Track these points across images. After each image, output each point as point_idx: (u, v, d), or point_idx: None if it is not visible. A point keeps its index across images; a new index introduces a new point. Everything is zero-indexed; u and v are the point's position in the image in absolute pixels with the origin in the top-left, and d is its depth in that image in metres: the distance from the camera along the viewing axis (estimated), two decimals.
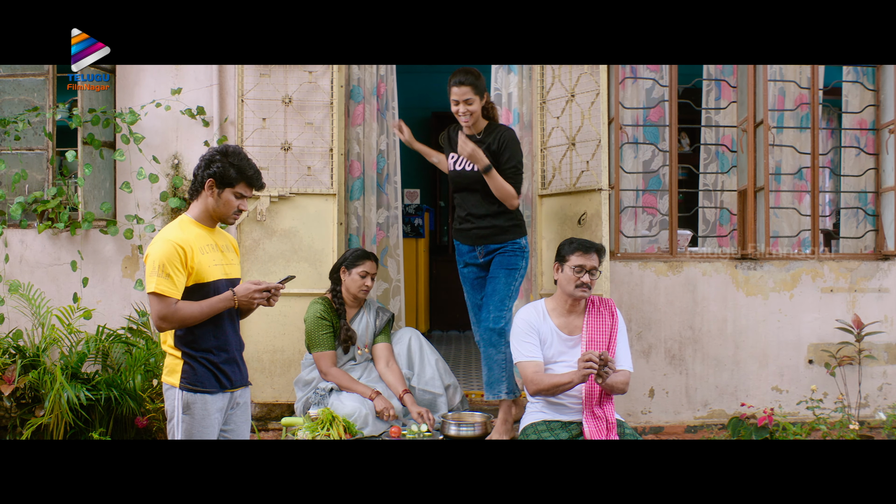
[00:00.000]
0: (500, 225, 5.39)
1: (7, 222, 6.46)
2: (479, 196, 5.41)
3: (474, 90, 5.31)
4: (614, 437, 4.61)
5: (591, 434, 4.62)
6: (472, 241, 5.51)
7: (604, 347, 4.76)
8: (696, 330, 6.47)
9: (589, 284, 4.76)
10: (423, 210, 10.52)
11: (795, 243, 6.99)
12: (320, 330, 5.42)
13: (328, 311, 5.48)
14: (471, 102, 5.31)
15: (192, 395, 3.87)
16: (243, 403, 4.14)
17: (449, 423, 5.29)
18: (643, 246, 6.92)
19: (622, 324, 4.90)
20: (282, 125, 6.00)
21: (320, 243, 5.97)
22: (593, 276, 4.77)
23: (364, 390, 5.34)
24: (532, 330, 4.83)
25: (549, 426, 4.76)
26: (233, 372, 4.01)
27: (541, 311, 4.90)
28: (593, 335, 4.79)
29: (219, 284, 3.96)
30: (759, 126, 6.44)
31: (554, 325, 4.84)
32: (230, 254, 4.12)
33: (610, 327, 4.82)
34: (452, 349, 8.99)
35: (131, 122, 6.23)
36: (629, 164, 6.91)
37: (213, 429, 3.94)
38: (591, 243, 4.84)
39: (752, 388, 6.49)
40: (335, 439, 4.92)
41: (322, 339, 5.42)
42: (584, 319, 4.84)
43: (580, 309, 4.87)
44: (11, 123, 6.39)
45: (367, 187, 6.42)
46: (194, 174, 3.98)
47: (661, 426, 6.43)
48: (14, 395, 5.94)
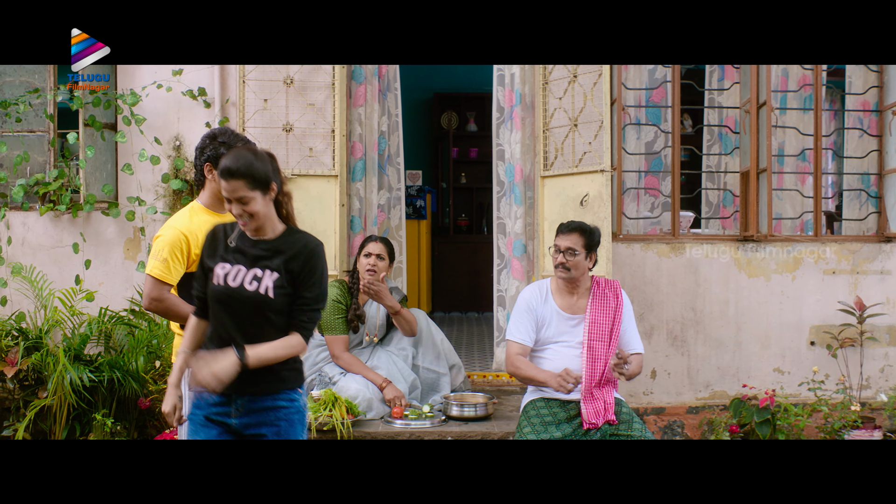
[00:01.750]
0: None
1: (9, 205, 6.45)
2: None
3: (249, 184, 3.29)
4: (611, 418, 4.62)
5: (588, 415, 4.65)
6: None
7: (606, 330, 4.77)
8: (698, 311, 6.47)
9: (565, 264, 4.76)
10: (425, 191, 10.51)
11: (798, 225, 6.99)
12: (334, 314, 5.41)
13: (343, 295, 5.47)
14: (246, 201, 3.30)
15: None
16: None
17: (451, 403, 5.32)
18: (645, 227, 6.91)
19: (628, 305, 4.90)
20: (283, 106, 5.99)
21: (322, 225, 5.96)
22: (569, 256, 4.75)
23: (375, 377, 5.34)
24: (530, 311, 4.85)
25: (548, 404, 4.79)
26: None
27: (544, 291, 4.91)
28: (596, 317, 4.79)
29: None
30: (762, 107, 6.42)
31: (556, 305, 4.85)
32: None
33: (614, 309, 4.81)
34: (454, 330, 9.00)
35: (133, 103, 6.22)
36: (632, 146, 6.90)
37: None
38: (572, 224, 4.85)
39: (754, 370, 6.49)
40: (338, 419, 4.93)
41: (335, 323, 5.42)
42: (588, 300, 4.84)
43: (583, 289, 4.87)
44: (13, 105, 6.37)
45: (369, 169, 6.40)
46: (194, 164, 4.08)
47: (663, 407, 6.44)
48: (17, 377, 5.95)
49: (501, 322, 6.52)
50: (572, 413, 4.72)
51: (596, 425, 4.62)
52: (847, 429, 5.91)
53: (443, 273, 10.66)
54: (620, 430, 4.59)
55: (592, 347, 4.77)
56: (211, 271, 3.34)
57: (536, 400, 4.85)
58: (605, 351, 4.77)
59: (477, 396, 5.48)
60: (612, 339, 4.78)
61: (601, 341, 4.77)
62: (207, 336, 3.39)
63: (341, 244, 5.99)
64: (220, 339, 3.31)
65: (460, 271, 10.65)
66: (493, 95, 6.58)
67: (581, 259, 4.76)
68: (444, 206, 11.43)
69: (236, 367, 3.17)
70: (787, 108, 7.01)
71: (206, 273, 3.36)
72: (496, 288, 6.56)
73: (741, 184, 6.67)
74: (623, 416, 4.68)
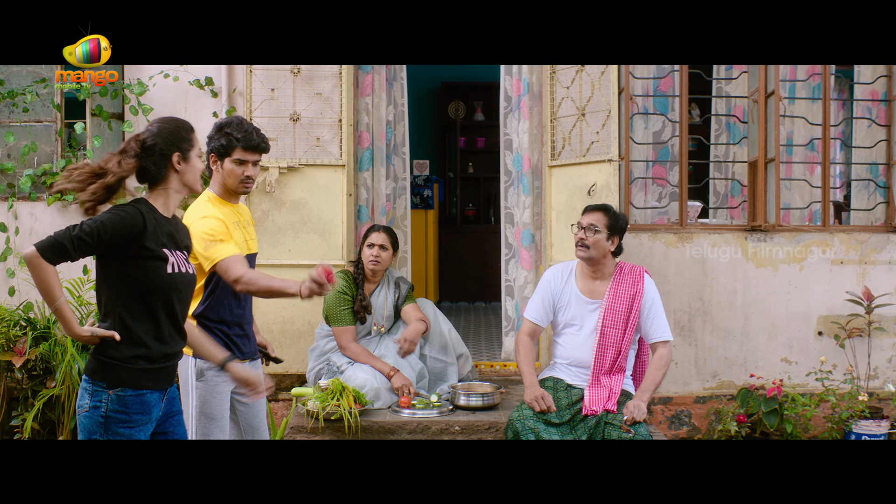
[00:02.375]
0: None
1: (17, 195, 6.46)
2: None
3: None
4: (611, 406, 4.62)
5: (588, 401, 4.68)
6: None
7: (622, 317, 4.76)
8: (706, 301, 6.46)
9: (584, 241, 4.76)
10: (432, 181, 10.51)
11: (806, 215, 6.97)
12: (340, 305, 5.40)
13: (349, 286, 5.45)
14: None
15: (205, 363, 3.96)
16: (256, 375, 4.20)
17: (459, 393, 5.32)
18: (653, 217, 6.90)
19: (652, 292, 4.86)
20: (290, 96, 5.98)
21: (329, 214, 5.96)
22: (590, 233, 4.75)
23: (382, 367, 5.34)
24: (549, 292, 4.92)
25: (556, 384, 4.84)
26: (244, 345, 4.17)
27: (567, 272, 4.95)
28: (613, 302, 4.79)
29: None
30: (770, 97, 6.39)
31: (577, 287, 4.87)
32: (251, 228, 4.27)
33: (632, 296, 4.80)
34: (462, 320, 9.01)
35: (140, 93, 6.22)
36: (639, 135, 6.88)
37: (225, 396, 4.06)
38: (598, 204, 4.93)
39: (762, 360, 6.49)
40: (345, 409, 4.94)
41: (341, 314, 5.41)
42: (608, 285, 4.84)
43: (606, 274, 4.87)
44: (20, 95, 6.37)
45: (376, 158, 6.40)
46: (206, 155, 4.10)
47: (671, 396, 6.44)
48: (25, 367, 5.97)
49: (510, 312, 6.51)
50: (575, 398, 4.73)
51: (595, 412, 4.63)
52: (854, 419, 5.91)
53: (450, 263, 10.66)
54: (616, 419, 4.57)
55: (605, 334, 4.77)
56: (163, 260, 3.22)
57: (546, 378, 4.92)
58: (620, 338, 4.77)
59: (484, 386, 5.49)
60: (627, 327, 4.77)
61: (615, 328, 4.77)
62: (138, 325, 3.19)
63: (348, 234, 5.99)
64: (164, 325, 3.27)
65: (467, 261, 10.65)
66: (501, 85, 6.57)
67: (601, 238, 4.75)
68: (452, 196, 11.42)
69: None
70: (796, 97, 6.98)
71: (152, 261, 3.21)
72: (504, 278, 6.56)
73: (749, 174, 6.65)
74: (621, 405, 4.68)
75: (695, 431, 6.44)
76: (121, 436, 3.14)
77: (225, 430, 4.12)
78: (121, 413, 3.14)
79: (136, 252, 3.15)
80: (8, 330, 5.99)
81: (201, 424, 4.05)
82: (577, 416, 4.67)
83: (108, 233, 3.06)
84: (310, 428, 4.99)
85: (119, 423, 3.14)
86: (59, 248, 3.02)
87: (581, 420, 4.65)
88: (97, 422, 3.13)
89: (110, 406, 3.13)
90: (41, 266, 3.02)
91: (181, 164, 3.30)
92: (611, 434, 4.52)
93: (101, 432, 3.13)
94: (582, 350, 4.81)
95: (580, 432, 4.62)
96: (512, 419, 4.70)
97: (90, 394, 3.14)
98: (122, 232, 3.10)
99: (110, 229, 3.07)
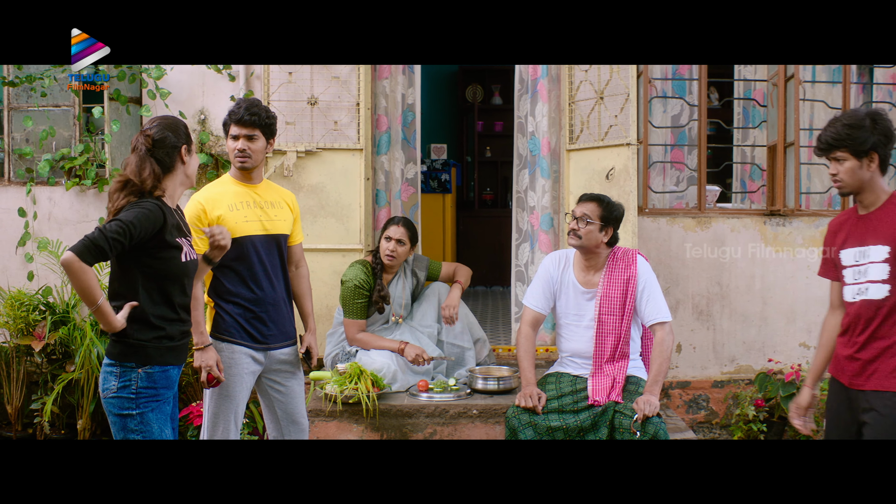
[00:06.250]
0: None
1: (35, 180, 6.49)
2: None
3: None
4: (616, 396, 4.57)
5: (592, 390, 4.62)
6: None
7: (618, 303, 4.71)
8: (724, 286, 6.44)
9: (576, 231, 4.68)
10: (450, 165, 10.48)
11: (826, 199, 6.93)
12: (356, 298, 5.37)
13: (367, 278, 5.41)
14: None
15: (220, 342, 4.08)
16: (290, 363, 4.31)
17: (476, 377, 5.33)
18: (671, 201, 6.87)
19: (646, 273, 4.78)
20: (308, 79, 5.97)
21: (347, 199, 5.95)
22: (581, 224, 4.67)
23: (391, 344, 5.34)
24: (548, 279, 4.86)
25: (559, 378, 4.80)
26: (265, 329, 4.13)
27: (564, 260, 4.88)
28: (608, 290, 4.73)
29: (254, 240, 4.10)
30: (790, 80, 6.35)
31: (574, 276, 4.82)
32: (278, 210, 4.25)
33: (626, 280, 4.72)
34: (479, 304, 8.99)
35: (157, 77, 6.21)
36: (658, 119, 6.85)
37: (242, 378, 4.11)
38: (592, 194, 4.86)
39: (780, 344, 6.46)
40: (363, 392, 4.95)
41: (355, 307, 5.37)
42: (602, 272, 4.80)
43: (600, 264, 4.80)
44: (38, 80, 6.38)
45: (394, 142, 6.38)
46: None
47: (688, 381, 6.43)
48: (45, 352, 6.01)
49: (520, 297, 6.49)
50: (579, 387, 4.70)
51: (599, 402, 4.58)
52: None
53: (468, 247, 10.64)
54: (625, 408, 4.50)
55: (602, 322, 4.72)
56: (179, 249, 3.46)
57: (551, 374, 4.89)
58: (618, 325, 4.72)
59: (502, 370, 5.49)
60: (625, 312, 4.71)
61: (612, 315, 4.72)
62: (157, 310, 3.45)
63: (366, 218, 5.98)
64: (178, 306, 3.52)
65: (485, 245, 10.62)
66: (516, 68, 6.51)
67: (594, 229, 4.67)
68: (469, 181, 11.40)
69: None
70: (816, 80, 6.93)
71: (170, 251, 3.45)
72: (514, 263, 6.51)
73: (768, 158, 6.61)
74: (634, 395, 4.58)
75: (713, 416, 6.43)
76: (150, 409, 3.40)
77: (238, 413, 4.15)
78: (150, 388, 3.40)
79: (157, 244, 3.38)
80: (27, 314, 6.03)
81: (214, 402, 4.10)
82: (580, 403, 4.62)
83: (137, 230, 3.27)
84: (328, 411, 5.01)
85: (149, 398, 3.39)
86: (97, 250, 3.21)
87: (586, 409, 4.60)
88: (128, 398, 3.37)
89: (140, 383, 3.37)
90: (81, 269, 3.19)
91: (188, 156, 3.55)
92: (622, 423, 4.46)
93: (132, 408, 3.37)
94: (582, 341, 4.77)
95: (584, 417, 4.56)
96: (508, 416, 4.65)
97: (117, 375, 3.38)
98: (149, 227, 3.32)
99: (139, 226, 3.28)
